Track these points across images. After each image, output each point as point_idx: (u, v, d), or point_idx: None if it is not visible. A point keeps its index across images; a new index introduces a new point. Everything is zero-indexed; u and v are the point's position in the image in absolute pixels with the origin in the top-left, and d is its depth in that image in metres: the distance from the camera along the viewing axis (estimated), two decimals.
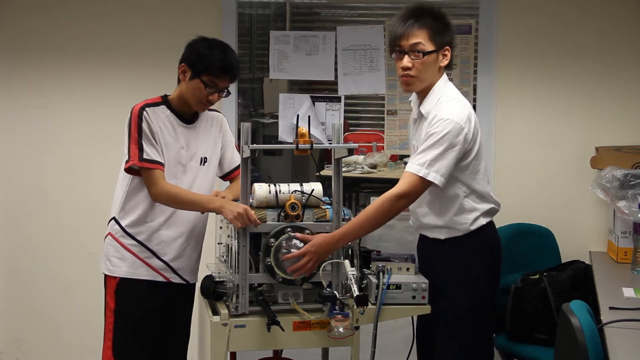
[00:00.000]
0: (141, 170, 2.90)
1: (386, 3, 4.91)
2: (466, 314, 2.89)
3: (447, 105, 2.82)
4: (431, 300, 2.85)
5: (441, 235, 2.91)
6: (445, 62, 2.88)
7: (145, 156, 2.88)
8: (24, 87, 4.23)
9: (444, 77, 2.92)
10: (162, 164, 2.91)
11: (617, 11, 3.79)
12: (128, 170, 2.92)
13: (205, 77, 2.88)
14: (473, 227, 2.88)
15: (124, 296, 2.98)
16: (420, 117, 2.91)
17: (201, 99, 2.92)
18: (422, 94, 2.91)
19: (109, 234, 3.03)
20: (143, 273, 2.97)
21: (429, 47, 2.82)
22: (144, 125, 2.88)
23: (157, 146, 2.90)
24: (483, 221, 2.90)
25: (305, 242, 2.73)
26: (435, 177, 2.74)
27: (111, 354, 2.98)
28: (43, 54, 4.19)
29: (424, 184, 2.76)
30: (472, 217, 2.88)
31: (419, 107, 2.93)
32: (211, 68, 2.88)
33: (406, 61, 2.83)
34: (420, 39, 2.82)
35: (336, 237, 2.74)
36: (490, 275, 2.96)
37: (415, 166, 2.76)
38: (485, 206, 2.91)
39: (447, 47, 2.87)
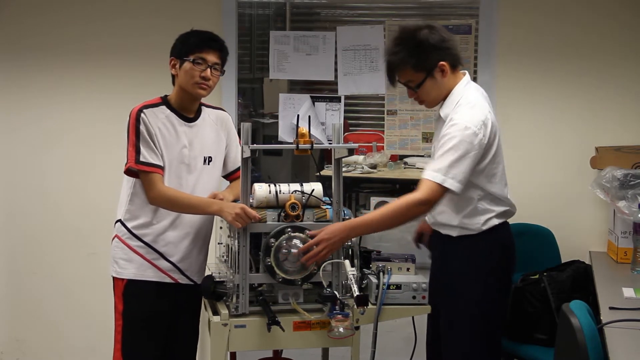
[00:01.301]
0: (138, 172, 2.90)
1: (386, 3, 4.92)
2: (472, 312, 2.91)
3: (463, 109, 2.84)
4: (439, 296, 2.89)
5: (453, 232, 2.94)
6: (446, 75, 2.88)
7: (142, 159, 2.88)
8: (24, 87, 4.23)
9: (465, 79, 2.94)
10: (160, 167, 2.91)
11: (617, 11, 3.79)
12: (127, 172, 2.93)
13: (191, 56, 2.91)
14: (485, 227, 2.90)
15: (132, 298, 2.98)
16: (439, 119, 2.95)
17: (195, 79, 2.91)
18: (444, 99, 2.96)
19: (116, 236, 3.02)
20: (150, 274, 2.97)
21: (418, 78, 2.87)
22: (142, 128, 2.88)
23: (156, 149, 2.90)
24: (496, 222, 2.91)
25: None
26: (452, 183, 2.75)
27: (120, 355, 2.98)
28: (43, 54, 4.19)
29: (442, 190, 2.76)
30: (484, 219, 2.90)
31: (439, 108, 2.96)
32: (192, 44, 2.92)
33: (410, 94, 2.93)
34: (408, 76, 2.88)
35: (348, 226, 2.75)
36: (500, 276, 2.96)
37: (432, 172, 2.77)
38: (500, 208, 2.93)
39: (441, 63, 2.86)
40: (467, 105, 2.85)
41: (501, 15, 3.85)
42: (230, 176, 3.18)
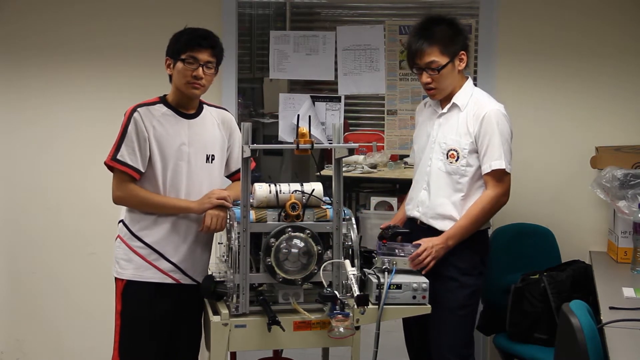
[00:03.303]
0: (112, 170, 2.93)
1: (386, 3, 4.92)
2: (471, 303, 3.09)
3: (486, 99, 3.08)
4: (438, 289, 2.96)
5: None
6: (462, 65, 3.07)
7: (118, 157, 2.91)
8: (24, 87, 4.23)
9: (470, 80, 3.13)
10: (134, 169, 2.91)
11: (616, 11, 3.78)
12: (108, 167, 2.97)
13: (183, 55, 2.91)
14: (484, 227, 3.12)
15: (130, 299, 2.98)
16: (452, 108, 3.09)
17: (188, 79, 2.92)
18: (448, 96, 3.10)
19: (119, 236, 3.03)
20: (150, 275, 2.96)
21: (443, 60, 3.01)
22: (130, 128, 2.91)
23: (139, 151, 2.91)
24: (490, 222, 3.17)
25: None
26: (509, 167, 3.02)
27: (117, 355, 2.99)
28: (43, 54, 4.19)
29: (509, 175, 3.04)
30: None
31: (447, 101, 3.10)
32: (184, 43, 2.93)
33: (425, 77, 3.05)
34: (433, 56, 3.01)
35: (445, 236, 2.98)
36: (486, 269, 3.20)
37: (496, 162, 2.98)
38: None
39: (462, 52, 3.05)
40: (486, 96, 3.10)
41: (501, 15, 3.85)
42: (233, 176, 3.17)
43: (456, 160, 3.05)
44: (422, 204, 3.13)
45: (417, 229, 3.12)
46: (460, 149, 3.04)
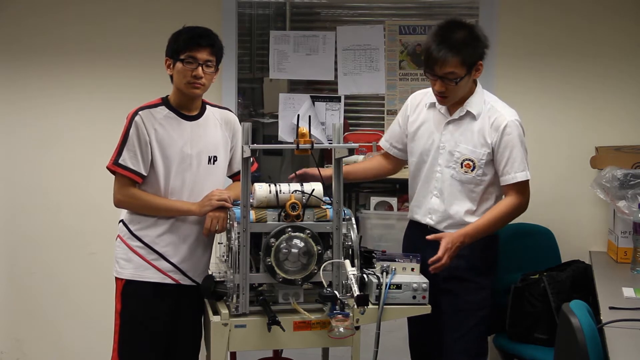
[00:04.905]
0: (114, 174, 2.94)
1: (386, 3, 4.91)
2: (489, 304, 3.08)
3: (500, 106, 3.03)
4: (457, 292, 3.00)
5: None
6: (478, 75, 2.98)
7: (120, 161, 2.91)
8: (24, 87, 4.23)
9: (479, 85, 3.05)
10: (136, 173, 2.91)
11: (616, 12, 3.79)
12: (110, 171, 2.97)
13: (182, 55, 2.90)
14: None
15: (129, 298, 2.97)
16: (465, 116, 3.02)
17: (187, 79, 2.91)
18: (457, 101, 3.04)
19: (118, 236, 3.03)
20: (149, 275, 2.96)
21: (462, 72, 2.91)
22: (132, 131, 2.91)
23: (141, 155, 2.90)
24: None
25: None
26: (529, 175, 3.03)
27: (117, 355, 2.98)
28: (43, 54, 4.19)
29: (528, 185, 3.05)
30: None
31: (456, 106, 3.03)
32: (182, 43, 2.91)
33: (439, 86, 2.94)
34: (453, 67, 2.89)
35: (462, 233, 2.93)
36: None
37: (521, 174, 2.99)
38: None
39: (480, 62, 2.95)
40: (500, 103, 3.04)
41: (501, 15, 3.85)
42: (235, 176, 3.17)
43: (472, 170, 3.02)
44: (435, 212, 3.09)
45: (426, 234, 3.08)
46: (477, 159, 3.01)
